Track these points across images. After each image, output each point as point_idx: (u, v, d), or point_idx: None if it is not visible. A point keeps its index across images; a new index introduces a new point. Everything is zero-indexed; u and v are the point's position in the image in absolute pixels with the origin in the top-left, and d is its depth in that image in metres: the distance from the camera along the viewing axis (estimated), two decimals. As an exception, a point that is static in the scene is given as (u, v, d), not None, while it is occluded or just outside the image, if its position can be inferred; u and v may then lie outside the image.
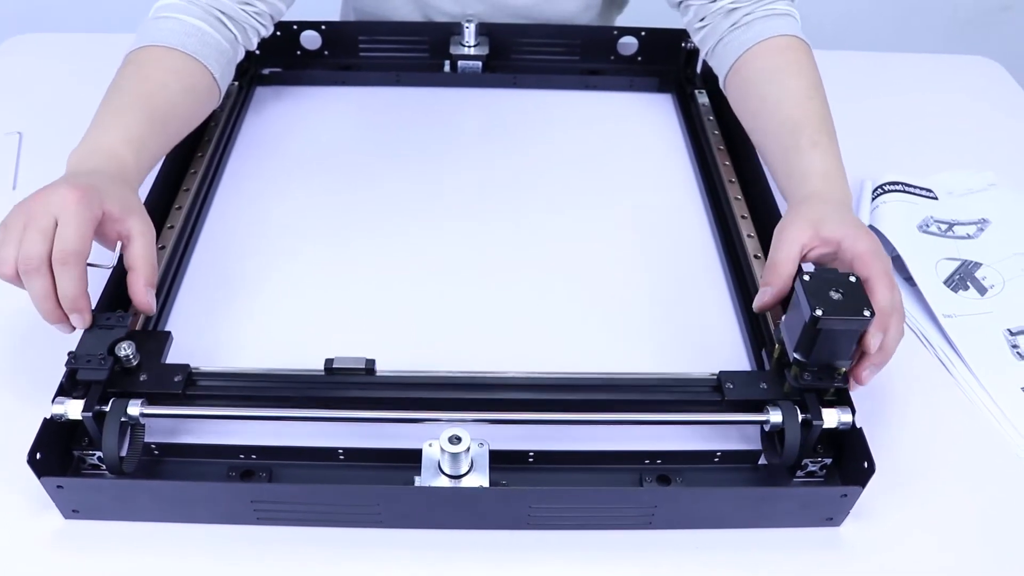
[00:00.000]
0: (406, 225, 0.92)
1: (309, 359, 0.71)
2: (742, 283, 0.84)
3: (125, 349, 0.67)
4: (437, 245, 0.90)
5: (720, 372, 0.70)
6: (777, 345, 0.70)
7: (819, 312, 0.62)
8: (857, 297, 0.64)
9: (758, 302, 0.73)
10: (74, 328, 0.68)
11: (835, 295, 0.63)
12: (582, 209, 0.95)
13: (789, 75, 0.88)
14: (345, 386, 0.70)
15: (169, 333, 0.72)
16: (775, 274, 0.71)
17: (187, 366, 0.69)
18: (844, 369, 0.66)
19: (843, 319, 0.62)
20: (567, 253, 0.90)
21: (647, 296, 0.85)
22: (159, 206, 0.86)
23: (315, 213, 0.93)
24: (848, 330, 0.63)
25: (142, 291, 0.70)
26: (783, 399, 0.67)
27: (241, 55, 0.95)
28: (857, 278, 0.65)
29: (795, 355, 0.66)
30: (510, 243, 0.91)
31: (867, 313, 0.63)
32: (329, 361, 0.70)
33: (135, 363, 0.68)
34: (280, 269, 0.86)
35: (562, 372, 0.72)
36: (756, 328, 0.79)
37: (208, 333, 0.80)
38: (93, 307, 0.69)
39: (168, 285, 0.82)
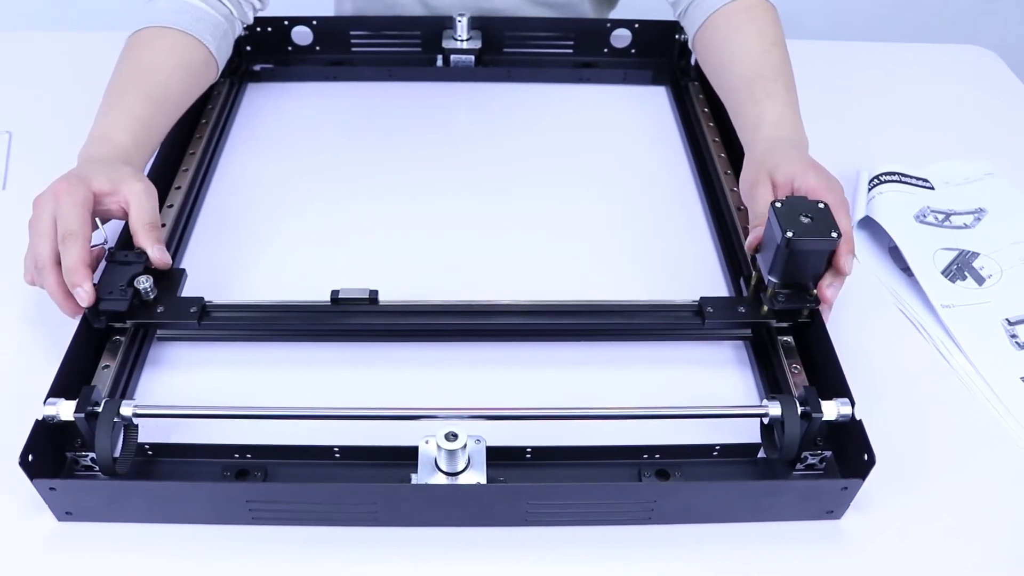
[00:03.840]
0: (398, 221, 0.92)
1: (317, 295, 0.77)
2: (734, 261, 0.85)
3: (144, 283, 0.73)
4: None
5: (701, 297, 0.76)
6: (754, 273, 0.76)
7: (790, 234, 0.67)
8: (825, 221, 0.69)
9: (749, 241, 0.78)
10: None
11: (805, 219, 0.68)
12: (577, 202, 0.95)
13: (750, 33, 0.94)
14: (350, 314, 0.76)
15: (184, 270, 0.78)
16: (763, 225, 0.75)
17: (201, 299, 0.75)
18: (815, 291, 0.72)
19: (812, 239, 0.68)
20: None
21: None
22: None
23: (305, 211, 0.93)
24: (817, 250, 0.69)
25: (150, 247, 0.75)
26: (761, 319, 0.75)
27: (239, 29, 0.99)
28: (825, 204, 0.70)
29: (770, 277, 0.72)
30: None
31: (834, 235, 0.68)
32: (335, 292, 0.76)
33: (153, 296, 0.74)
34: (276, 259, 0.86)
35: (553, 299, 0.77)
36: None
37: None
38: (112, 246, 0.77)
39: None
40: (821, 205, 0.70)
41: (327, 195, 0.95)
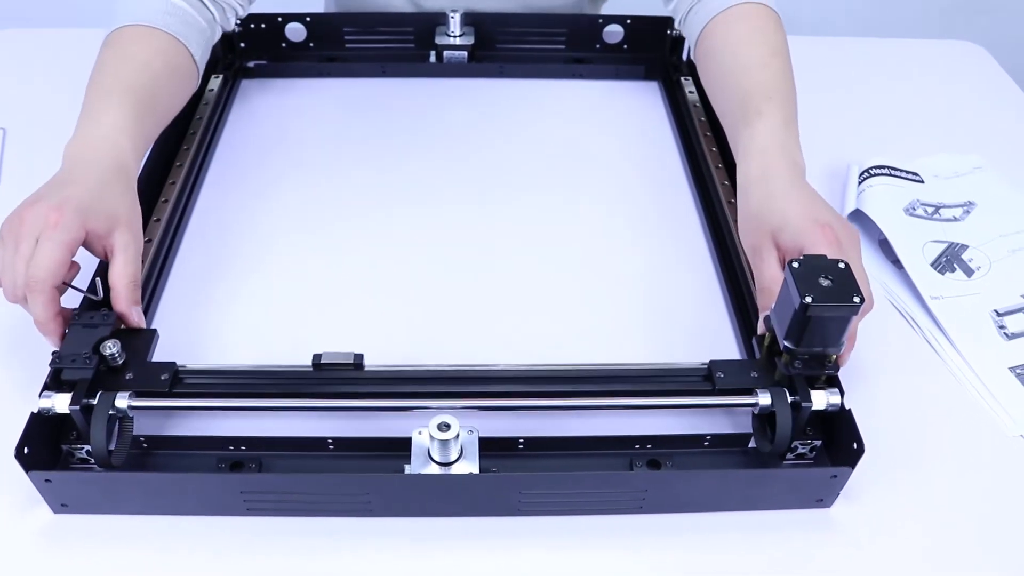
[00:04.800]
0: (393, 217, 0.91)
1: (297, 355, 0.70)
2: (731, 271, 0.84)
3: (110, 348, 0.66)
4: (425, 237, 0.89)
5: (711, 361, 0.69)
6: (767, 333, 0.69)
7: (808, 299, 0.60)
8: (847, 283, 0.62)
9: (761, 329, 0.72)
10: None
11: (824, 282, 0.61)
12: (570, 199, 0.95)
13: (748, 44, 0.87)
14: (333, 382, 0.69)
15: (155, 331, 0.71)
16: (768, 298, 0.70)
17: (173, 364, 0.68)
18: (835, 356, 0.65)
19: (833, 306, 0.61)
20: (556, 244, 0.89)
21: (637, 285, 0.85)
22: (145, 199, 0.83)
23: (302, 205, 0.93)
24: (838, 317, 0.62)
25: (126, 309, 0.70)
26: (774, 387, 0.66)
27: (218, 35, 0.95)
28: (846, 264, 0.63)
29: (785, 343, 0.65)
30: (499, 235, 0.90)
31: (856, 299, 0.61)
32: (317, 357, 0.69)
33: (120, 362, 0.67)
34: (267, 263, 0.86)
35: (552, 364, 0.71)
36: (746, 317, 0.78)
37: (195, 329, 0.79)
38: (79, 306, 0.71)
39: (154, 281, 0.81)
40: (842, 265, 0.63)
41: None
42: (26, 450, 0.61)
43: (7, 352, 0.76)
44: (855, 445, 0.62)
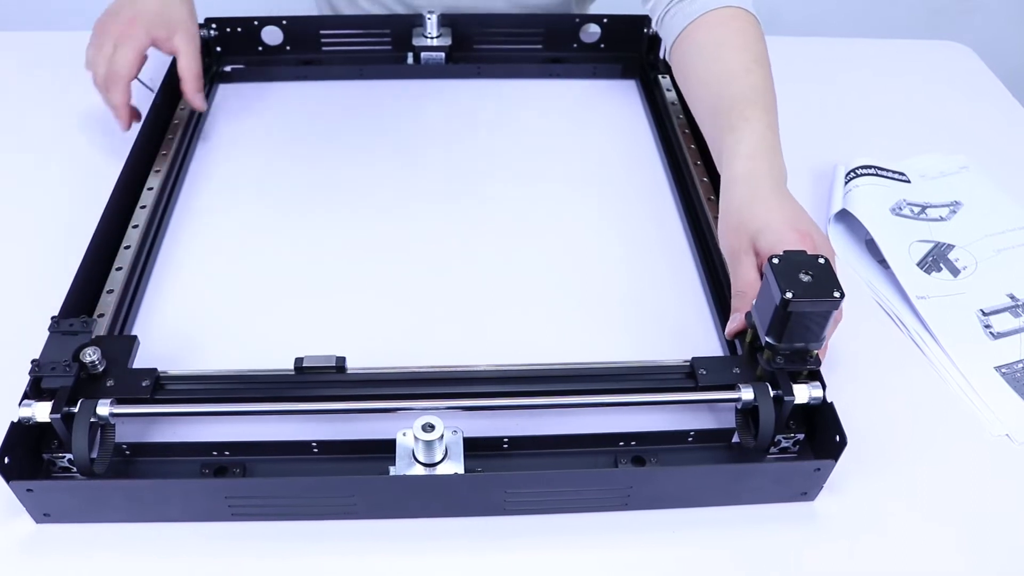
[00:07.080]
0: (373, 219, 0.94)
1: (279, 359, 0.73)
2: (712, 268, 0.87)
3: (90, 355, 0.69)
4: (405, 239, 0.92)
5: (693, 358, 0.73)
6: (749, 330, 0.73)
7: (789, 295, 0.63)
8: (827, 278, 0.65)
9: (730, 328, 0.76)
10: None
11: (805, 277, 0.64)
12: (550, 198, 0.98)
13: (729, 49, 0.89)
14: (316, 385, 0.72)
15: (135, 337, 0.74)
16: (743, 301, 0.74)
17: (154, 370, 0.71)
18: (816, 352, 0.69)
19: (813, 301, 0.64)
20: (537, 244, 0.92)
21: (619, 283, 0.88)
22: (122, 207, 0.89)
23: (281, 209, 0.95)
24: (819, 312, 0.65)
25: (191, 95, 1.00)
26: (757, 382, 0.69)
27: None
28: (826, 259, 0.66)
29: (767, 339, 0.68)
30: (479, 235, 0.93)
31: (837, 294, 0.64)
32: (299, 360, 0.72)
33: (101, 369, 0.70)
34: (247, 267, 0.88)
35: (535, 363, 0.74)
36: (727, 313, 0.80)
37: (175, 335, 0.81)
38: (57, 313, 0.73)
39: (133, 287, 0.84)
40: (822, 260, 0.66)
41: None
42: (6, 460, 0.63)
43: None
44: (837, 438, 0.65)
